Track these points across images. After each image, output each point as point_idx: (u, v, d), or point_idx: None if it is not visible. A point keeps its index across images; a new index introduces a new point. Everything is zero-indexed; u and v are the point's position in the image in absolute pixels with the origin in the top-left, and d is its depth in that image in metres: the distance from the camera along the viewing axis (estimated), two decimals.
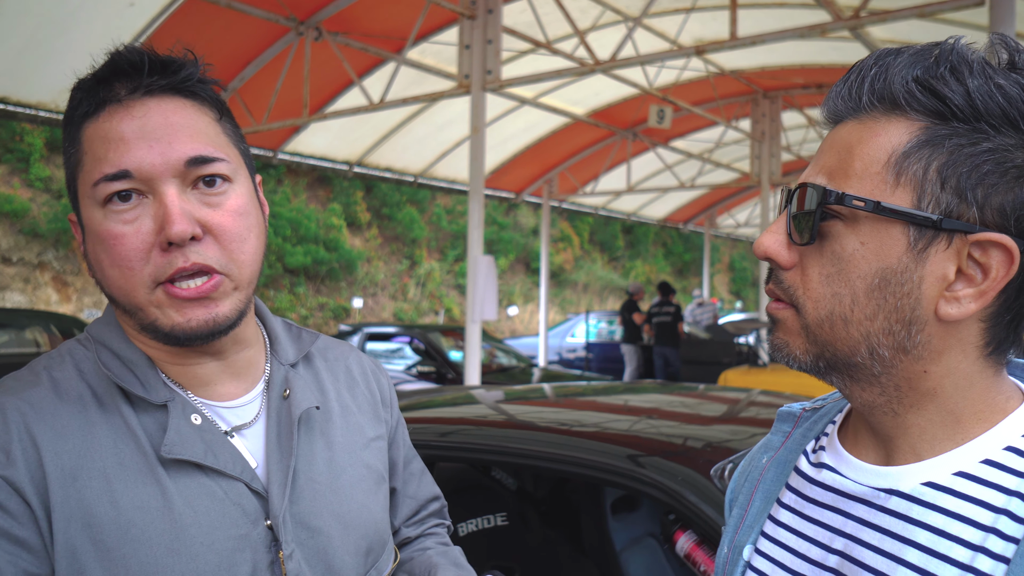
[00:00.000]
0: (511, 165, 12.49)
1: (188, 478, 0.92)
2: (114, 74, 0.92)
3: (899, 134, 0.70)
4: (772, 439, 0.95)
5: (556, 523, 2.58)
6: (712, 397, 2.58)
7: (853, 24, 5.79)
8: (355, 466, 1.08)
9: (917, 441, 0.74)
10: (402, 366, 9.23)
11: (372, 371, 1.23)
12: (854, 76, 0.75)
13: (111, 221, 0.90)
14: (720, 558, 0.92)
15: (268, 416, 1.02)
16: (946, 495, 0.71)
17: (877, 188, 0.70)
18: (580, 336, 15.00)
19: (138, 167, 0.89)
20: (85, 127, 0.92)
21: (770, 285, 0.79)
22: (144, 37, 7.25)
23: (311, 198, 19.29)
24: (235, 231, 0.93)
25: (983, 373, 0.73)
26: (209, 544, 0.90)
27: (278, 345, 1.09)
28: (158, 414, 0.93)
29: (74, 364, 0.95)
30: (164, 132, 0.90)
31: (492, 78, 6.77)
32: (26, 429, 0.87)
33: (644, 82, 9.61)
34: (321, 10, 7.65)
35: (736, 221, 19.67)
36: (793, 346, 0.77)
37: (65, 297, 14.92)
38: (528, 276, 23.63)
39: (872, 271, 0.71)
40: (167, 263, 0.89)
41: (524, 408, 2.39)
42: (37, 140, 14.99)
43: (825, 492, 0.81)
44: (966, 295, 0.69)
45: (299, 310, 17.89)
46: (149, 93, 0.92)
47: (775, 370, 7.36)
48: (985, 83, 0.68)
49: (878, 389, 0.75)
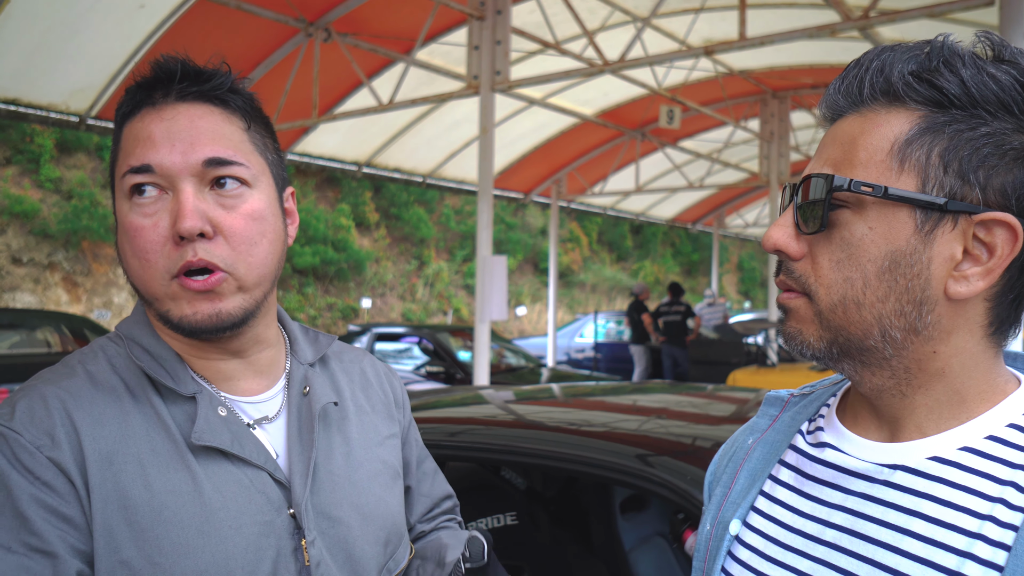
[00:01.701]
0: (520, 165, 12.50)
1: (216, 465, 0.97)
2: (153, 80, 1.00)
3: (900, 123, 0.74)
4: (758, 421, 0.98)
5: (565, 522, 2.58)
6: (721, 397, 2.58)
7: (862, 24, 5.77)
8: (371, 461, 1.14)
9: (923, 420, 0.77)
10: (411, 366, 9.25)
11: (385, 374, 1.28)
12: (852, 73, 0.78)
13: (134, 213, 0.96)
14: (702, 535, 0.94)
15: (289, 411, 1.08)
16: (953, 468, 0.74)
17: (883, 175, 0.73)
18: (589, 336, 14.99)
19: (160, 163, 0.95)
20: (124, 127, 1.00)
21: (780, 277, 0.81)
22: (154, 39, 7.28)
23: (320, 198, 19.34)
24: (245, 234, 0.98)
25: (986, 353, 0.76)
26: (237, 528, 0.95)
27: (297, 346, 1.15)
28: (187, 405, 0.99)
29: (106, 359, 1.01)
30: (188, 134, 0.97)
31: (501, 79, 6.78)
32: (67, 415, 0.92)
33: (653, 82, 9.61)
34: (330, 11, 7.67)
35: (745, 221, 19.63)
36: (807, 333, 0.79)
37: (75, 298, 14.99)
38: (536, 276, 23.62)
39: (882, 254, 0.74)
40: (179, 256, 0.94)
41: (533, 408, 2.39)
42: (47, 142, 15.06)
43: (826, 469, 0.83)
44: (973, 273, 0.72)
45: (308, 310, 17.93)
46: (181, 98, 0.99)
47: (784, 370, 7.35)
48: (977, 73, 0.72)
49: (888, 372, 0.77)
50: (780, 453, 0.90)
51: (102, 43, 7.34)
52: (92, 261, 15.36)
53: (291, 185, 1.12)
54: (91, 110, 8.17)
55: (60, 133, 14.96)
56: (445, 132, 10.94)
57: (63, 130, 13.46)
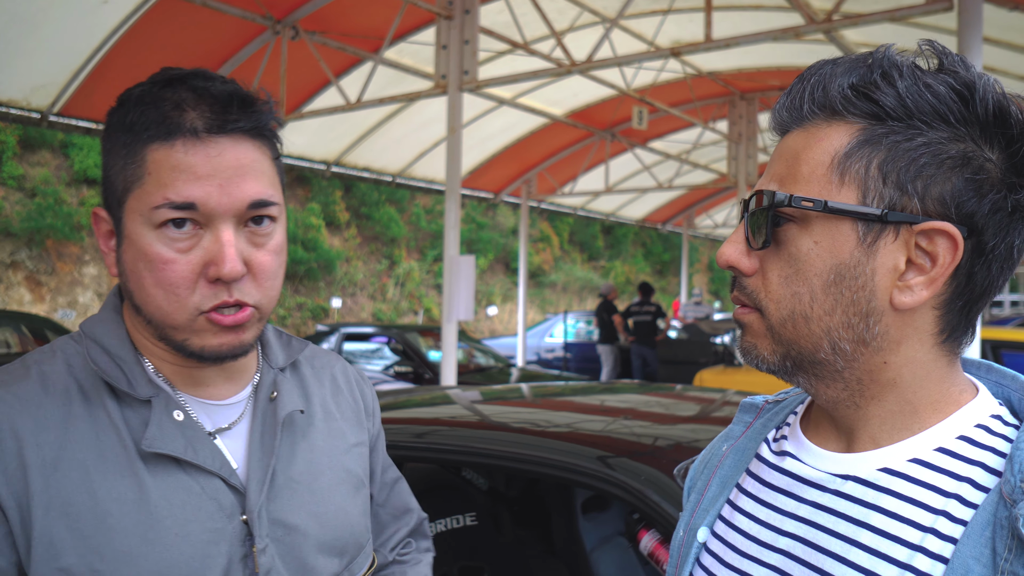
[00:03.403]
0: (490, 165, 12.48)
1: (166, 472, 0.96)
2: (195, 102, 0.93)
3: (839, 137, 0.75)
4: (733, 429, 0.99)
5: (527, 523, 2.58)
6: (688, 397, 2.59)
7: (826, 27, 5.84)
8: (335, 469, 1.12)
9: (877, 431, 0.78)
10: (380, 366, 9.21)
11: (357, 381, 1.27)
12: (796, 88, 0.79)
13: (163, 244, 0.93)
14: (676, 541, 0.96)
15: (254, 416, 1.07)
16: (900, 480, 0.75)
17: (824, 189, 0.74)
18: (559, 336, 15.03)
19: (204, 203, 0.92)
20: (152, 148, 0.92)
21: (735, 292, 0.82)
22: (118, 35, 7.17)
23: (290, 197, 19.18)
24: (271, 269, 0.99)
25: (938, 362, 0.76)
26: (184, 535, 0.94)
27: (269, 350, 1.14)
28: (142, 409, 0.97)
29: (64, 359, 0.99)
30: (235, 173, 0.93)
31: (469, 78, 6.77)
32: (9, 423, 0.91)
33: (622, 83, 9.64)
34: (298, 9, 7.60)
35: (714, 222, 19.77)
36: (761, 348, 0.80)
37: (39, 297, 14.74)
38: (508, 276, 23.62)
39: (827, 268, 0.74)
40: (213, 295, 0.94)
41: (499, 408, 2.39)
42: (10, 138, 14.79)
43: (783, 477, 0.84)
44: (917, 283, 0.73)
45: (277, 310, 17.77)
46: (225, 131, 0.93)
47: (750, 370, 7.42)
48: (914, 84, 0.72)
49: (841, 384, 0.78)
50: (748, 462, 0.91)
51: (64, 38, 7.21)
52: (56, 260, 15.10)
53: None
54: (53, 107, 8.02)
55: (23, 130, 14.69)
56: (415, 132, 10.90)
57: (25, 127, 13.19)
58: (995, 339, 6.11)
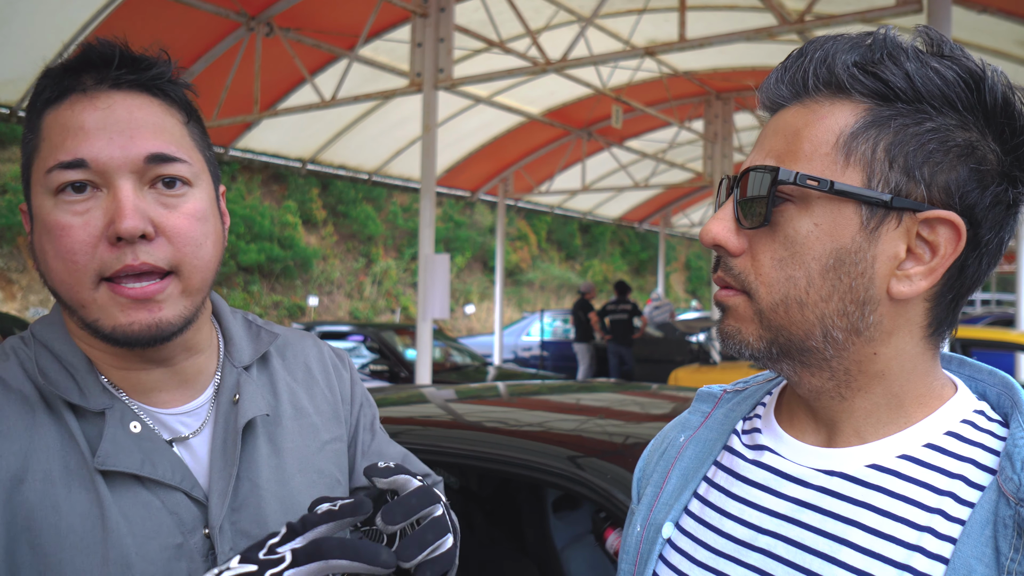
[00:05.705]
0: (466, 164, 12.47)
1: (125, 487, 0.90)
2: (84, 64, 0.90)
3: (845, 116, 0.71)
4: (690, 418, 0.94)
5: (499, 522, 2.58)
6: (663, 396, 2.60)
7: (799, 28, 5.90)
8: (306, 472, 1.06)
9: (862, 424, 0.75)
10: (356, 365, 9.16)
11: (334, 364, 1.18)
12: (796, 63, 0.75)
13: (60, 211, 0.87)
14: (632, 538, 0.91)
15: (215, 423, 1.00)
16: (891, 477, 0.72)
17: (828, 169, 0.71)
18: (535, 335, 15.03)
19: (95, 158, 0.86)
20: (46, 114, 0.90)
21: (719, 273, 0.78)
22: (89, 30, 7.08)
23: (266, 195, 19.04)
24: (191, 235, 0.91)
25: (924, 355, 0.75)
26: (143, 555, 0.89)
27: (233, 347, 1.06)
28: (97, 420, 0.91)
29: (19, 362, 0.93)
30: (127, 126, 0.88)
31: (444, 76, 6.75)
32: None
33: (598, 82, 9.67)
34: (272, 5, 7.55)
35: (691, 221, 19.88)
36: (746, 332, 0.76)
37: (9, 295, 14.52)
38: (485, 274, 23.60)
39: (827, 252, 0.71)
40: (115, 259, 0.86)
41: (473, 407, 2.39)
42: None
43: (760, 471, 0.80)
44: (916, 273, 0.71)
45: (253, 308, 17.64)
46: (116, 86, 0.90)
47: (725, 368, 7.47)
48: (922, 66, 0.70)
49: (828, 374, 0.75)
50: (715, 454, 0.87)
51: (33, 33, 7.11)
52: (28, 258, 14.88)
53: (222, 184, 1.05)
54: (22, 102, 7.91)
55: None
56: (391, 129, 10.86)
57: None
58: (966, 337, 6.19)
